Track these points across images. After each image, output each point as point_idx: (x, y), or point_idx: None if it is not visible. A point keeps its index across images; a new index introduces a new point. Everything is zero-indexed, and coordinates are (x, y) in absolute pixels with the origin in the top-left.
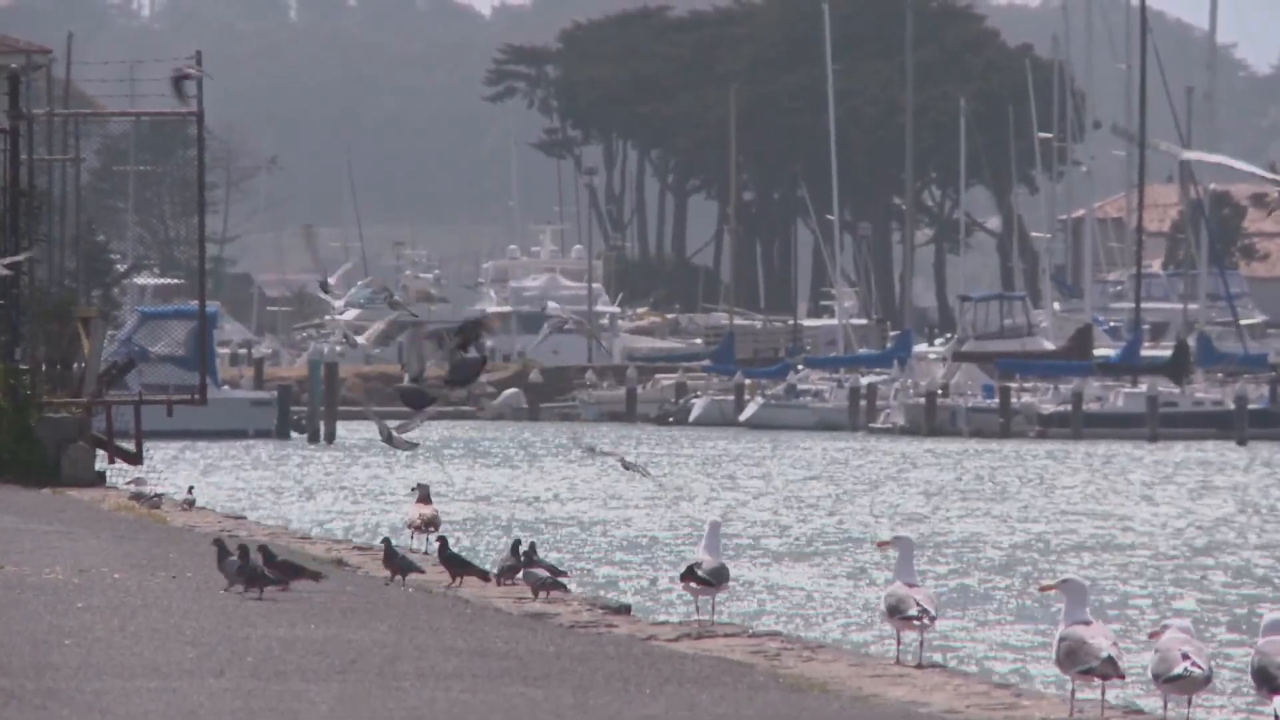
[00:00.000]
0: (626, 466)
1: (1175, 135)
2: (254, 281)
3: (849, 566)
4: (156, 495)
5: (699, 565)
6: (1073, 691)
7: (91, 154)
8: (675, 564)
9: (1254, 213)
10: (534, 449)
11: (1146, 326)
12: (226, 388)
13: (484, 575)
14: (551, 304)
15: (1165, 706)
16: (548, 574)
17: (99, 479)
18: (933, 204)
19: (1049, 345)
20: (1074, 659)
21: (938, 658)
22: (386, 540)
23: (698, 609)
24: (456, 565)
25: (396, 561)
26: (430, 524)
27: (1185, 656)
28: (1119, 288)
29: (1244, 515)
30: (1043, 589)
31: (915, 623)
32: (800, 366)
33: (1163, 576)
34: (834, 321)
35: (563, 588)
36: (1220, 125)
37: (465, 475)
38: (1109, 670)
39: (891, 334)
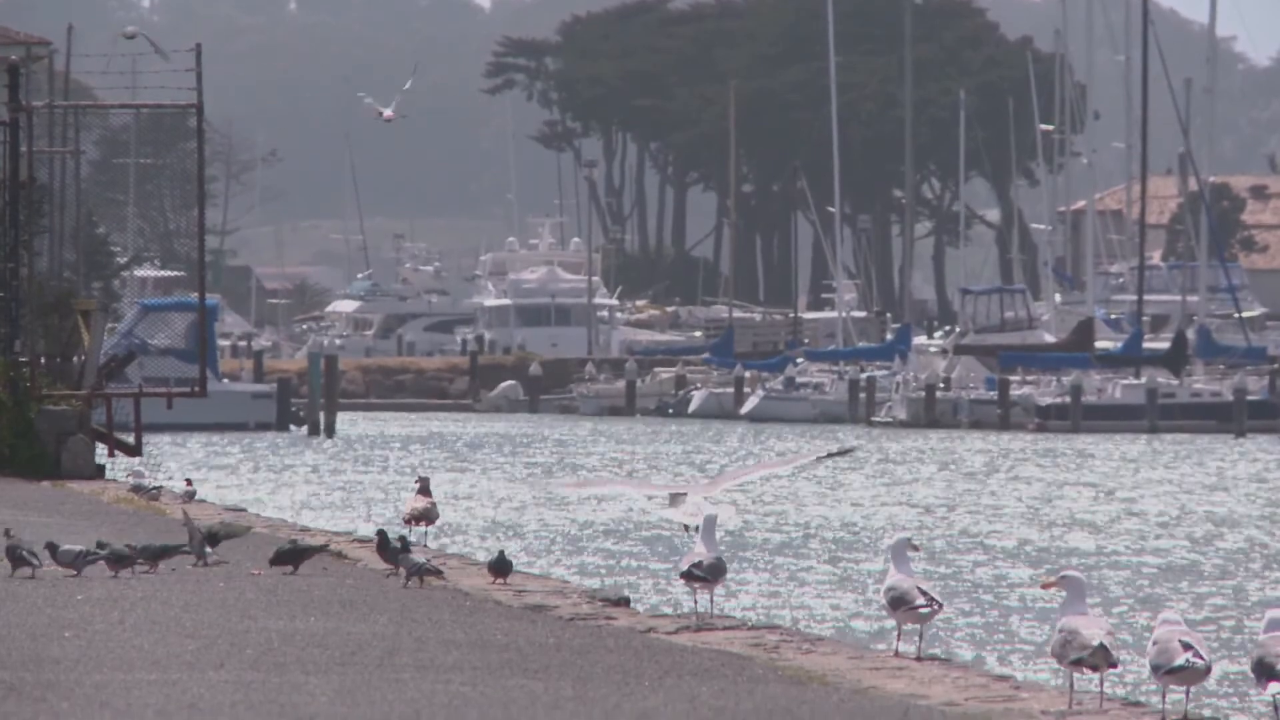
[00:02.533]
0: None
1: (1176, 128)
2: (253, 274)
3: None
4: (156, 488)
5: (699, 560)
6: (1071, 683)
7: (91, 146)
8: (671, 556)
9: (1253, 205)
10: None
11: (1147, 318)
12: (226, 381)
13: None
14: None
15: (1164, 698)
16: (423, 560)
17: (99, 472)
18: (932, 197)
19: (1050, 338)
20: (1067, 650)
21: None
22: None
23: (696, 603)
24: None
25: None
26: (424, 517)
27: (1187, 647)
28: (1120, 280)
29: (1242, 507)
30: (1044, 586)
31: (922, 610)
32: (799, 359)
33: (1161, 571)
34: (834, 314)
35: (438, 573)
36: (1220, 119)
37: (465, 474)
38: (1100, 660)
39: (891, 326)
